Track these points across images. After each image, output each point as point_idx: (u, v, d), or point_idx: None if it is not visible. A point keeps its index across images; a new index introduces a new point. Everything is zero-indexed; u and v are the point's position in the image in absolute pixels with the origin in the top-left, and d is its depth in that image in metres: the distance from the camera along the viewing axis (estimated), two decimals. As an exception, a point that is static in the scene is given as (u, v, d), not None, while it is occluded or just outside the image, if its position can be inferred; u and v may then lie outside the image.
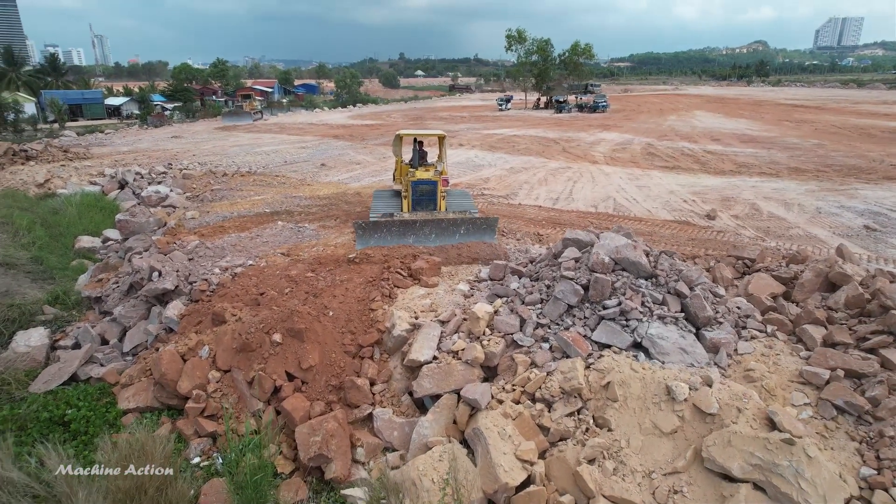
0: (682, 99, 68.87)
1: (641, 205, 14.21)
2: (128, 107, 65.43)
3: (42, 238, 14.62)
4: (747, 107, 53.09)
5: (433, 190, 11.70)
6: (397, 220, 10.49)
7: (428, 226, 10.46)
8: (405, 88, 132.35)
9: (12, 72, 67.91)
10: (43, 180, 18.76)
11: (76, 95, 63.11)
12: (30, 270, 13.23)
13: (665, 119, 40.00)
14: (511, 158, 22.58)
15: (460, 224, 10.51)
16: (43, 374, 8.17)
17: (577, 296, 6.78)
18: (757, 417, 5.31)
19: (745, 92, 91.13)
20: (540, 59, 59.78)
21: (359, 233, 10.35)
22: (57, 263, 13.28)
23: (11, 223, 15.52)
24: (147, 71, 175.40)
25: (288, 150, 26.50)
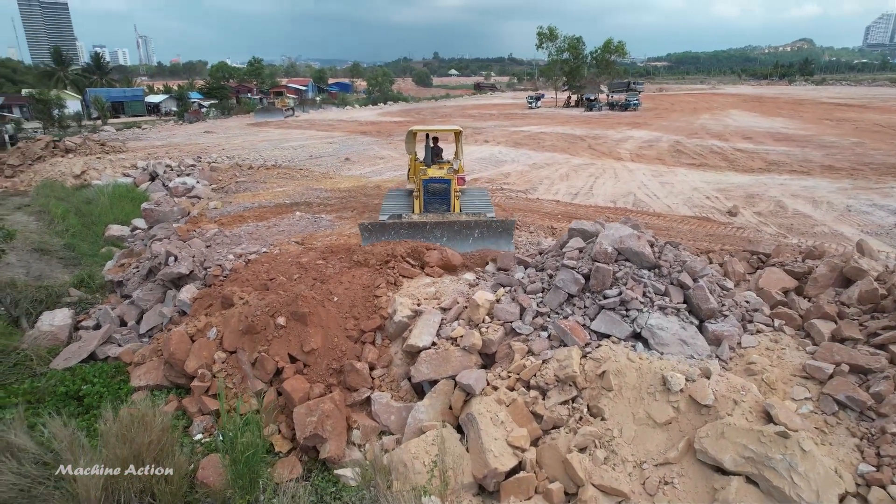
0: (718, 98, 67.22)
1: (662, 201, 13.96)
2: (166, 104, 67.38)
3: (75, 226, 15.23)
4: (786, 106, 51.52)
5: (446, 189, 10.98)
6: (405, 223, 9.75)
7: (439, 228, 9.71)
8: (438, 87, 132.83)
9: (61, 71, 70.79)
10: (79, 172, 19.48)
11: (118, 93, 65.34)
12: (62, 256, 13.80)
13: (697, 118, 39.14)
14: (535, 154, 22.46)
15: (474, 227, 9.68)
16: (64, 352, 8.51)
17: (578, 285, 6.72)
18: (753, 410, 5.19)
19: (785, 91, 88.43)
20: (571, 57, 59.13)
21: (364, 235, 9.74)
22: (87, 250, 13.81)
23: (48, 212, 16.22)
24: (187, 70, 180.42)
25: (315, 145, 26.91)
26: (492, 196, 14.84)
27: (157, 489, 5.33)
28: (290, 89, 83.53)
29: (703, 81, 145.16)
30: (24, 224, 15.42)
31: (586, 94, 55.73)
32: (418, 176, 11.16)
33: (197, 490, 5.68)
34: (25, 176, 20.49)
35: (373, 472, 5.37)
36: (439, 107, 63.44)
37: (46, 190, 17.75)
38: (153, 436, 5.34)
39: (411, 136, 12.12)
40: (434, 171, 11.16)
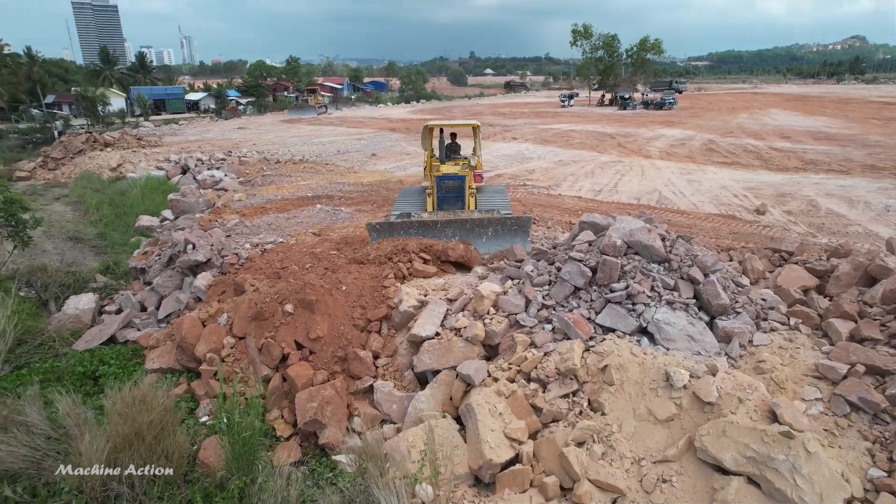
0: (759, 97, 65.18)
1: (688, 198, 13.61)
2: (205, 102, 69.17)
3: (108, 216, 15.76)
4: (831, 105, 49.62)
5: (460, 186, 10.59)
6: (415, 221, 9.39)
7: (450, 227, 9.31)
8: (472, 86, 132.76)
9: (107, 70, 73.41)
10: (115, 165, 20.17)
11: (160, 91, 67.41)
12: (94, 245, 14.30)
13: (735, 117, 38.04)
14: (562, 152, 22.19)
15: (487, 225, 9.28)
16: (86, 335, 8.80)
17: (584, 278, 6.60)
18: (759, 409, 4.99)
19: (832, 90, 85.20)
20: (605, 55, 58.21)
21: (372, 235, 9.45)
22: (118, 240, 14.28)
23: (84, 203, 16.83)
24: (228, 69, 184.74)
25: (344, 140, 27.20)
26: (513, 192, 14.73)
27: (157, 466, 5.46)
28: (326, 88, 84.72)
29: (745, 81, 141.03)
30: (60, 214, 16.05)
31: (620, 93, 54.81)
32: (432, 172, 10.80)
33: (197, 469, 5.79)
34: (66, 168, 21.33)
35: (366, 459, 5.37)
36: (471, 105, 63.38)
37: (84, 182, 18.42)
38: (154, 415, 5.45)
39: (427, 131, 11.62)
40: (448, 167, 10.79)
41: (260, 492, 5.20)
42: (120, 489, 5.34)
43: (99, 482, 5.32)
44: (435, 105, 66.25)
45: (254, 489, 5.27)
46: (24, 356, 8.06)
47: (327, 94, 75.71)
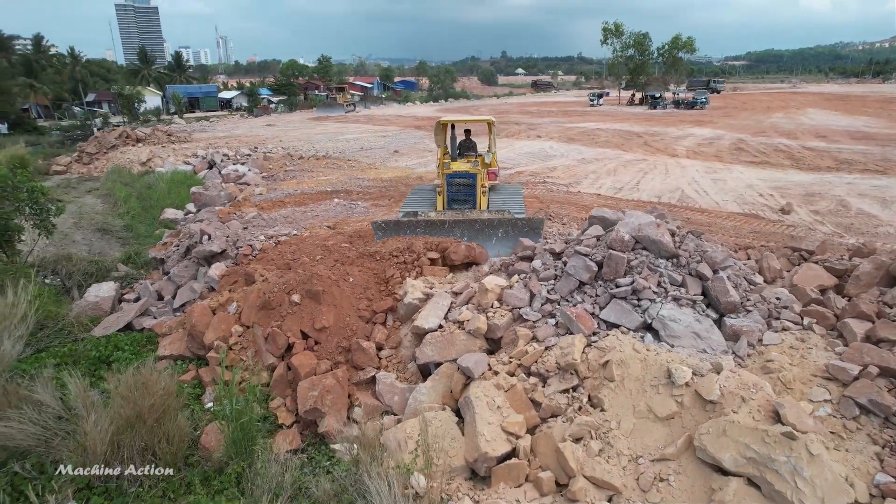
0: (797, 97, 63.22)
1: (711, 197, 13.27)
2: (238, 100, 70.48)
3: (135, 209, 16.19)
4: (874, 104, 47.82)
5: (471, 184, 10.21)
6: (422, 221, 9.05)
7: (459, 227, 8.95)
8: (503, 86, 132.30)
9: (145, 69, 75.47)
10: (145, 159, 20.70)
11: (194, 90, 69.04)
12: (121, 236, 14.71)
13: (769, 116, 36.98)
14: (586, 150, 21.91)
15: (497, 226, 8.90)
16: (104, 322, 9.04)
17: (590, 272, 6.48)
18: (762, 409, 4.82)
19: (877, 89, 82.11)
20: (636, 54, 57.23)
21: (377, 234, 9.17)
22: (144, 232, 14.65)
23: (113, 195, 17.32)
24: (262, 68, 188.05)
25: (368, 138, 27.38)
26: (532, 188, 14.60)
27: (158, 448, 5.57)
28: (356, 86, 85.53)
29: (783, 81, 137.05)
30: (91, 206, 16.55)
31: (650, 92, 53.85)
32: (442, 170, 10.43)
33: (198, 453, 5.89)
34: (100, 163, 22.01)
35: (360, 448, 5.38)
36: (499, 104, 63.17)
37: (114, 175, 18.96)
38: (155, 399, 5.56)
39: (440, 127, 11.13)
40: (459, 164, 10.43)
41: (256, 476, 5.26)
42: (122, 468, 5.46)
43: (102, 461, 5.46)
44: (463, 103, 66.23)
45: (251, 474, 5.34)
46: (44, 340, 8.32)
47: (357, 92, 76.44)
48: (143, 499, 5.30)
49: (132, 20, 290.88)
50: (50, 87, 57.88)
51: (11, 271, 9.00)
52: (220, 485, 5.44)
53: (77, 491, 5.36)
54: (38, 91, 56.03)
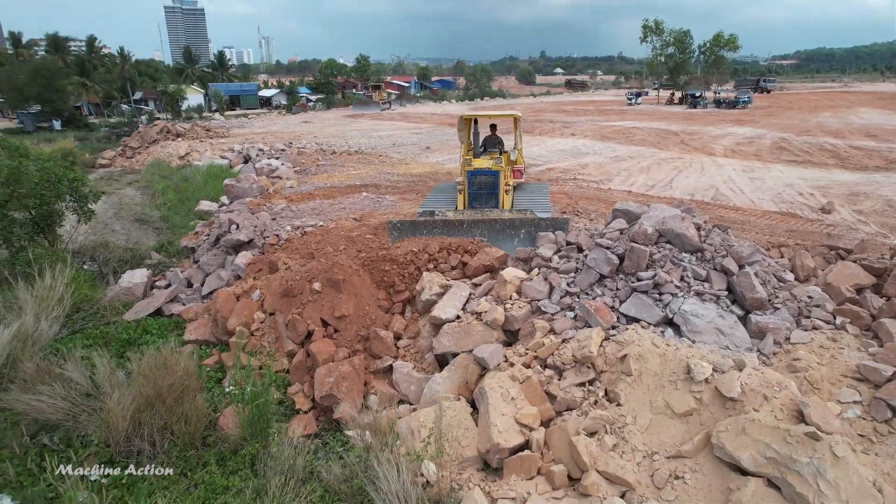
0: (848, 96, 60.64)
1: (746, 196, 12.84)
2: (277, 98, 71.78)
3: (172, 201, 16.67)
4: (932, 103, 45.55)
5: (494, 182, 9.72)
6: (440, 220, 8.60)
7: (478, 227, 8.49)
8: (540, 85, 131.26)
9: (189, 68, 77.69)
10: (184, 153, 21.29)
11: (235, 88, 70.64)
12: (157, 227, 15.16)
13: (816, 116, 35.58)
14: (620, 148, 21.51)
15: (520, 226, 8.39)
16: (136, 307, 9.31)
17: (611, 265, 6.34)
18: (785, 408, 4.62)
19: (936, 89, 78.18)
20: (676, 52, 55.82)
21: (393, 234, 8.81)
22: (179, 222, 15.06)
23: (151, 187, 17.86)
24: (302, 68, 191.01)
25: (401, 134, 27.53)
26: (562, 185, 14.41)
27: (176, 427, 5.70)
28: (393, 85, 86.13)
29: (835, 80, 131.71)
30: (130, 197, 17.12)
31: (690, 91, 52.51)
32: (463, 167, 9.96)
33: (215, 434, 6.00)
34: (141, 156, 22.75)
35: (371, 434, 5.39)
36: (535, 102, 62.68)
37: (154, 169, 19.56)
38: (174, 379, 5.69)
39: (463, 122, 10.60)
40: (482, 161, 9.95)
41: (269, 459, 5.32)
42: (142, 445, 5.62)
43: (123, 438, 5.63)
44: (498, 102, 66.03)
45: (265, 456, 5.41)
46: (79, 322, 8.62)
47: (394, 91, 77.01)
48: (161, 475, 5.43)
49: (180, 22, 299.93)
50: (101, 86, 60.19)
51: (51, 256, 9.35)
52: (235, 465, 5.53)
53: (100, 464, 5.53)
54: (90, 90, 58.33)
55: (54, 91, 47.82)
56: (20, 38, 70.25)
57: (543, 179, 14.97)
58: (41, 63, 52.31)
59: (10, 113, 54.61)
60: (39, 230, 9.99)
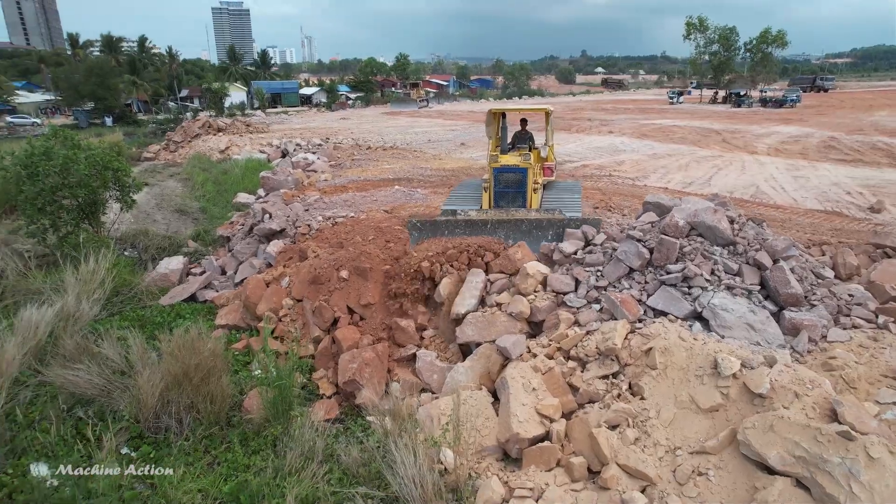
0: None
1: (789, 194, 12.38)
2: (318, 96, 73.08)
3: (211, 193, 17.12)
4: None
5: (521, 180, 9.21)
6: (461, 220, 8.07)
7: (502, 228, 7.93)
8: (580, 84, 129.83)
9: (233, 66, 79.76)
10: (224, 147, 21.85)
11: (277, 86, 72.19)
12: (196, 217, 15.60)
13: (870, 115, 34.02)
14: (658, 146, 21.06)
15: (547, 227, 7.80)
16: (171, 292, 9.61)
17: (641, 259, 6.19)
18: (817, 406, 4.43)
19: None
20: (721, 50, 54.16)
21: (413, 234, 8.30)
22: (217, 214, 15.46)
23: (192, 180, 18.38)
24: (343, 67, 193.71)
25: (437, 131, 27.61)
26: (596, 181, 14.20)
27: (201, 406, 5.85)
28: (432, 84, 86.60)
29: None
30: (172, 189, 17.65)
31: (734, 89, 50.93)
32: (490, 164, 9.45)
33: (240, 415, 6.14)
34: (184, 150, 23.46)
35: (390, 419, 5.41)
36: (574, 101, 61.98)
37: (195, 162, 20.14)
38: (200, 359, 5.83)
39: (491, 116, 10.03)
40: (509, 158, 9.44)
41: (290, 440, 5.41)
42: (169, 422, 5.78)
43: (152, 414, 5.81)
44: (537, 100, 65.48)
45: (286, 438, 5.50)
46: (118, 305, 8.95)
47: (432, 89, 77.38)
48: (186, 452, 5.58)
49: (226, 22, 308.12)
50: (150, 84, 62.44)
51: (96, 241, 9.73)
52: (257, 445, 5.64)
53: (129, 439, 5.73)
54: (140, 88, 60.58)
55: (107, 89, 49.88)
56: (77, 38, 73.50)
57: (577, 176, 14.77)
58: (95, 62, 54.63)
59: (67, 110, 57.18)
60: (85, 217, 10.40)
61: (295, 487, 4.67)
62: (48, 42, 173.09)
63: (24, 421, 5.80)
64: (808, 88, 66.40)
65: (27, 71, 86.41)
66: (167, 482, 4.87)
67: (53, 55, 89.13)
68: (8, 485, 5.03)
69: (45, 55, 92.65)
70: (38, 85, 77.78)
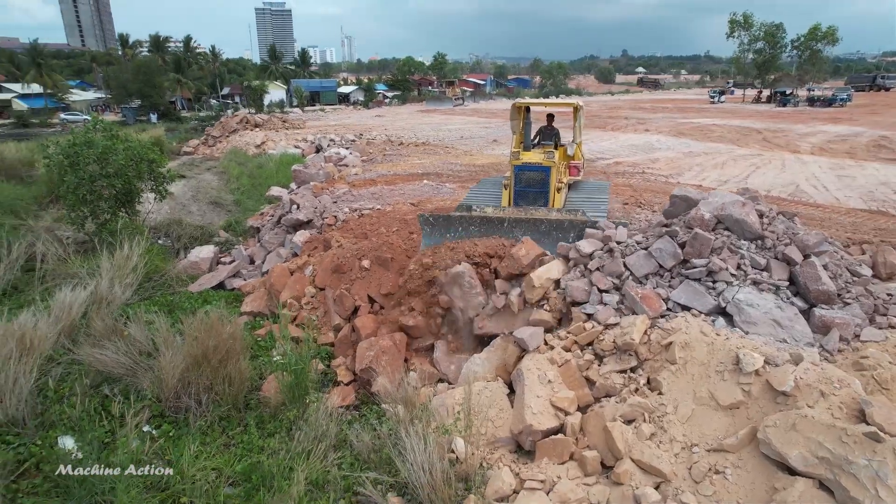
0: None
1: (831, 193, 11.87)
2: (355, 94, 73.88)
3: (245, 185, 17.48)
4: None
5: (544, 179, 8.69)
6: (477, 217, 7.61)
7: (519, 227, 7.46)
8: (620, 84, 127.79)
9: (273, 65, 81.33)
10: (260, 142, 22.31)
11: (315, 84, 73.30)
12: (230, 210, 15.95)
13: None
14: (695, 144, 20.51)
15: (568, 229, 7.26)
16: (200, 279, 9.85)
17: (676, 259, 5.91)
18: (844, 406, 4.22)
19: None
20: (766, 47, 52.23)
21: (425, 230, 7.78)
22: (251, 206, 15.78)
23: (227, 173, 18.81)
24: (382, 66, 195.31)
25: (470, 128, 27.56)
26: (629, 178, 13.92)
27: (219, 388, 5.96)
28: (469, 83, 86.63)
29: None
30: (208, 182, 18.10)
31: (779, 88, 49.17)
32: (511, 161, 8.98)
33: (258, 398, 6.24)
34: (221, 145, 24.04)
35: (403, 407, 5.41)
36: (612, 100, 61.02)
37: (231, 156, 20.62)
38: (219, 341, 5.95)
39: (515, 111, 9.58)
40: (531, 155, 8.98)
41: (304, 423, 5.47)
42: (189, 402, 5.91)
43: (173, 394, 5.95)
44: (573, 99, 64.72)
45: (301, 422, 5.56)
46: (149, 290, 9.22)
47: (469, 88, 77.39)
48: (203, 431, 5.70)
49: (269, 22, 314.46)
50: (193, 83, 64.28)
51: (131, 228, 10.05)
52: (273, 428, 5.73)
53: (151, 417, 5.88)
54: (184, 86, 62.45)
55: (153, 87, 51.60)
56: (127, 39, 76.23)
57: (609, 173, 14.51)
58: (143, 62, 56.59)
59: (116, 108, 59.42)
60: (121, 205, 10.76)
61: (305, 470, 4.71)
62: (102, 43, 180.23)
63: (54, 396, 6.03)
64: (867, 87, 63.64)
65: (81, 71, 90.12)
66: (184, 459, 4.97)
67: (105, 55, 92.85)
68: (36, 454, 5.25)
69: (98, 55, 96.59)
70: (91, 84, 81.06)
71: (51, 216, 12.73)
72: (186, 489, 4.74)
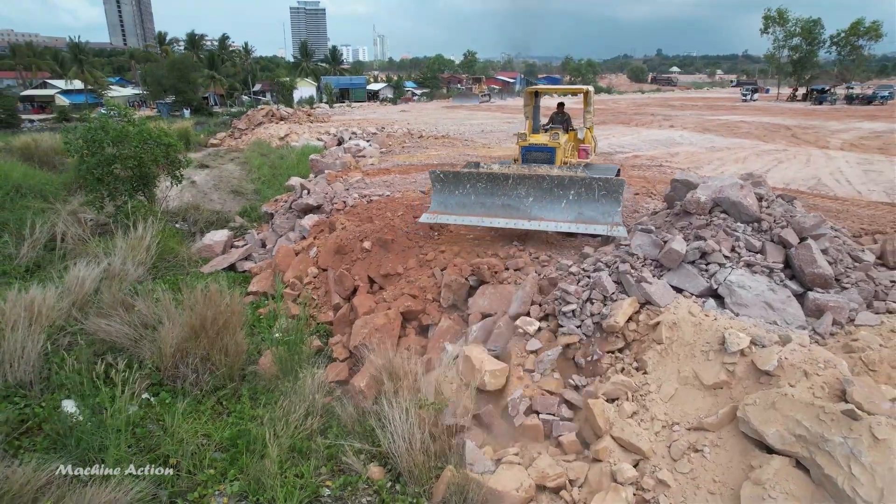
0: None
1: (854, 187, 11.50)
2: (384, 92, 74.42)
3: (266, 176, 17.79)
4: None
5: (549, 160, 9.05)
6: (484, 173, 7.81)
7: (523, 184, 7.61)
8: (652, 83, 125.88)
9: (304, 62, 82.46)
10: (283, 135, 22.66)
11: (345, 81, 74.07)
12: (250, 198, 16.26)
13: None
14: (719, 140, 20.07)
15: (569, 185, 7.38)
16: (213, 261, 10.11)
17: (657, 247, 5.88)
18: (826, 386, 4.13)
19: None
20: (803, 43, 50.52)
21: (436, 186, 7.92)
22: (269, 195, 16.04)
23: (249, 163, 19.18)
24: (413, 65, 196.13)
25: (493, 123, 27.51)
26: (644, 171, 13.73)
27: (216, 359, 6.13)
28: (498, 81, 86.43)
29: None
30: (230, 172, 18.50)
31: (815, 85, 47.63)
32: (518, 142, 9.33)
33: (252, 371, 6.40)
34: (247, 137, 24.51)
35: (387, 378, 5.48)
36: (642, 98, 60.09)
37: (255, 147, 21.02)
38: (216, 311, 6.11)
39: (527, 96, 9.92)
40: (538, 137, 9.31)
41: (292, 394, 5.59)
42: (186, 372, 6.09)
43: (171, 364, 6.14)
44: (602, 97, 63.93)
45: (292, 394, 5.68)
46: (162, 270, 9.50)
47: (497, 86, 77.23)
48: (198, 400, 5.87)
49: (303, 21, 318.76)
50: (226, 80, 65.64)
51: (145, 210, 10.36)
52: (266, 400, 5.85)
53: (150, 385, 6.08)
54: (217, 82, 63.81)
55: (187, 83, 52.87)
56: (164, 37, 78.30)
57: (626, 166, 14.32)
58: (178, 58, 58.06)
59: (152, 103, 61.10)
60: (138, 188, 11.10)
61: (285, 433, 4.82)
62: (142, 42, 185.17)
63: (59, 362, 6.28)
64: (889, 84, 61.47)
65: (121, 68, 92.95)
66: (175, 422, 5.14)
67: (143, 53, 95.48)
68: (40, 415, 5.48)
69: (136, 53, 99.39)
70: (130, 81, 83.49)
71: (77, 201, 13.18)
72: (174, 450, 4.91)
